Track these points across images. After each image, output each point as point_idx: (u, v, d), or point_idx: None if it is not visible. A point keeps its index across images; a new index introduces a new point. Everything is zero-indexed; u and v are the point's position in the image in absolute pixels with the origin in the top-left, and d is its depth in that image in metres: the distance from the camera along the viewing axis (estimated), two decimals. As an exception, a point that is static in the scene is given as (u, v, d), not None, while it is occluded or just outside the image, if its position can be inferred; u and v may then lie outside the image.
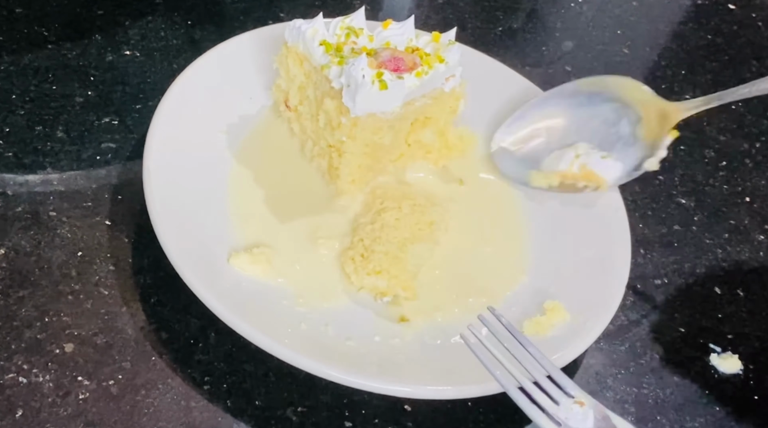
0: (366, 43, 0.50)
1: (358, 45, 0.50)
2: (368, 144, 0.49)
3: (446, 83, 0.51)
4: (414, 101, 0.49)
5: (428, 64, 0.49)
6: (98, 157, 0.53)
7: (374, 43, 0.50)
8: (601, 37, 0.75)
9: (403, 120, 0.50)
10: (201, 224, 0.46)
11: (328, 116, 0.49)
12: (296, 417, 0.42)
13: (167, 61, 0.61)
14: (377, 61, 0.48)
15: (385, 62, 0.48)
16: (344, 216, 0.51)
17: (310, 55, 0.50)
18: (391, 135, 0.50)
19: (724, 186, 0.63)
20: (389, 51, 0.49)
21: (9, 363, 0.41)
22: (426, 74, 0.48)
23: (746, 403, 0.48)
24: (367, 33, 0.51)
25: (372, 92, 0.46)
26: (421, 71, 0.48)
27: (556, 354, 0.43)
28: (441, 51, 0.50)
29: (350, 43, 0.50)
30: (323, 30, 0.50)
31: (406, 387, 0.41)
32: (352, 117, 0.47)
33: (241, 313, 0.41)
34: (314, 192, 0.52)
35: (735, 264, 0.57)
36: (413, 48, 0.51)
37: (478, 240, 0.52)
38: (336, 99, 0.47)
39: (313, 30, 0.49)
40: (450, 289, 0.48)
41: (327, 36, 0.50)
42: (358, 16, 0.51)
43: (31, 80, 0.57)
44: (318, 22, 0.50)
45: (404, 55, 0.49)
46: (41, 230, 0.47)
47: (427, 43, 0.51)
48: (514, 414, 0.44)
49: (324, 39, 0.49)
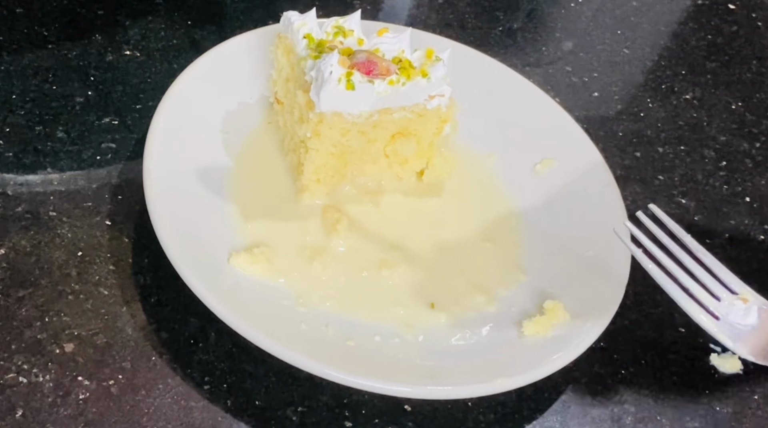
0: (353, 45, 0.50)
1: (343, 45, 0.50)
2: (335, 144, 0.49)
3: (430, 101, 0.50)
4: (391, 111, 0.49)
5: (406, 75, 0.47)
6: (98, 157, 0.53)
7: (362, 46, 0.50)
8: (601, 37, 0.75)
9: (378, 128, 0.49)
10: (201, 224, 0.46)
11: (300, 110, 0.49)
12: (296, 417, 0.42)
13: (167, 61, 0.61)
14: (351, 61, 0.47)
15: (358, 63, 0.47)
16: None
17: (294, 46, 0.50)
18: (362, 140, 0.49)
19: (724, 186, 0.63)
20: (366, 53, 0.48)
21: (9, 363, 0.41)
22: (401, 84, 0.47)
23: (746, 403, 0.48)
24: (358, 36, 0.50)
25: (338, 90, 0.45)
26: (394, 80, 0.47)
27: (556, 354, 0.43)
28: (426, 66, 0.49)
29: (336, 43, 0.50)
30: (312, 24, 0.50)
31: (406, 387, 0.41)
32: (317, 112, 0.47)
33: (241, 313, 0.41)
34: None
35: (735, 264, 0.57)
36: (400, 59, 0.50)
37: (477, 240, 0.52)
38: (307, 92, 0.47)
39: (302, 23, 0.49)
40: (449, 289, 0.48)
41: (314, 31, 0.50)
42: (353, 18, 0.51)
43: (31, 80, 0.57)
44: (309, 17, 0.50)
45: (381, 60, 0.48)
46: (41, 230, 0.48)
47: (418, 57, 0.51)
48: (514, 414, 0.45)
49: (308, 33, 0.49)
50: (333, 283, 0.47)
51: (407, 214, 0.53)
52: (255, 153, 0.53)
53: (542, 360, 0.43)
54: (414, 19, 0.72)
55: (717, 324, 0.37)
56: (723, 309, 0.37)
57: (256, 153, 0.53)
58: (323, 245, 0.49)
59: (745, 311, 0.37)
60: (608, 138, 0.64)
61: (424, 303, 0.47)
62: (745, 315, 0.37)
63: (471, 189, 0.55)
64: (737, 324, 0.37)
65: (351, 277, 0.48)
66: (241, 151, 0.53)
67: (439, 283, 0.49)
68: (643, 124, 0.66)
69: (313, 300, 0.46)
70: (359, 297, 0.47)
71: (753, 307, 0.37)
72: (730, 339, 0.36)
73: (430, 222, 0.53)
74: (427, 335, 0.45)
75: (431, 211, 0.54)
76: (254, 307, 0.43)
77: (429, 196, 0.54)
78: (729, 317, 0.36)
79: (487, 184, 0.56)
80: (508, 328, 0.46)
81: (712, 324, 0.36)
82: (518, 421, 0.44)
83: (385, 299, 0.47)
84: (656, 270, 0.38)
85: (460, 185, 0.55)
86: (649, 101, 0.69)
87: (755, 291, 0.38)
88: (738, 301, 0.37)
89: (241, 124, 0.54)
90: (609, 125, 0.65)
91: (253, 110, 0.56)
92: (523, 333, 0.45)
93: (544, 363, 0.42)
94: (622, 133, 0.65)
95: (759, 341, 0.36)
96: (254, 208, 0.50)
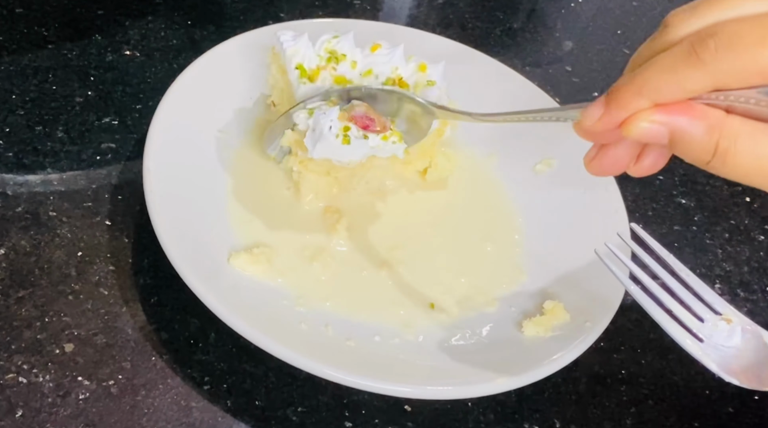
0: (346, 71, 0.50)
1: (337, 71, 0.50)
2: (323, 173, 0.50)
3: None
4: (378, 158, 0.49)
5: (398, 136, 0.47)
6: (98, 157, 0.53)
7: (356, 70, 0.50)
8: (601, 37, 0.75)
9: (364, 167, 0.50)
10: (201, 224, 0.46)
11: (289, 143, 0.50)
12: (296, 417, 0.42)
13: (167, 61, 0.61)
14: (348, 114, 0.47)
15: (356, 117, 0.47)
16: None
17: (287, 73, 0.50)
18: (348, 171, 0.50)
19: (724, 186, 0.63)
20: (364, 108, 0.48)
21: (9, 363, 0.41)
22: (391, 143, 0.47)
23: (746, 403, 0.48)
24: (351, 59, 0.50)
25: (334, 144, 0.46)
26: (387, 136, 0.47)
27: (556, 354, 0.43)
28: (419, 90, 0.49)
29: (329, 69, 0.50)
30: (304, 52, 0.50)
31: (406, 387, 0.41)
32: (308, 156, 0.47)
33: (241, 313, 0.41)
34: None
35: (735, 264, 0.57)
36: (394, 79, 0.50)
37: (477, 240, 0.52)
38: (298, 134, 0.48)
39: (294, 50, 0.50)
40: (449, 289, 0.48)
41: (306, 58, 0.50)
42: (346, 39, 0.51)
43: (31, 80, 0.57)
44: (301, 43, 0.50)
45: (377, 116, 0.48)
46: (41, 230, 0.48)
47: (412, 72, 0.51)
48: (514, 414, 0.45)
49: (300, 63, 0.49)
50: (333, 283, 0.47)
51: (407, 214, 0.53)
52: (255, 153, 0.53)
53: (542, 360, 0.43)
54: (414, 19, 0.72)
55: (701, 347, 0.36)
56: (707, 330, 0.36)
57: (256, 153, 0.53)
58: (323, 245, 0.49)
59: (729, 332, 0.36)
60: (608, 138, 0.64)
61: (424, 303, 0.47)
62: (729, 336, 0.36)
63: (471, 189, 0.55)
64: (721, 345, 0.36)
65: (351, 277, 0.48)
66: (240, 151, 0.53)
67: (439, 283, 0.49)
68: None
69: (312, 300, 0.46)
70: (359, 297, 0.47)
71: (736, 328, 0.36)
72: (714, 362, 0.36)
73: (430, 223, 0.53)
74: (427, 335, 0.45)
75: (431, 211, 0.54)
76: (254, 307, 0.43)
77: (429, 197, 0.54)
78: (713, 339, 0.36)
79: (488, 184, 0.56)
80: (508, 328, 0.46)
81: (697, 348, 0.36)
82: (518, 421, 0.44)
83: (385, 299, 0.47)
84: (639, 292, 0.37)
85: (460, 185, 0.55)
86: (649, 101, 0.68)
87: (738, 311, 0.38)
88: (721, 322, 0.37)
89: (241, 124, 0.54)
90: (609, 125, 0.65)
91: (252, 110, 0.56)
92: (523, 333, 0.45)
93: (544, 363, 0.42)
94: (622, 133, 0.65)
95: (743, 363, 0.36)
96: (254, 208, 0.50)
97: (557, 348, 0.43)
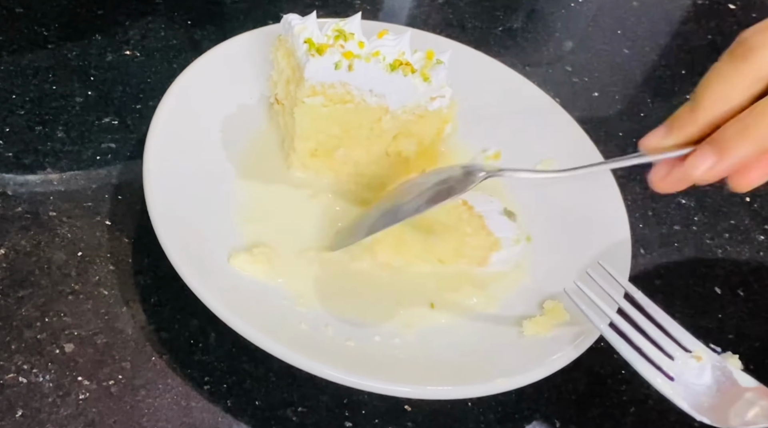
0: (353, 48, 0.50)
1: (344, 49, 0.50)
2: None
3: (431, 102, 0.50)
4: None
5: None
6: (98, 157, 0.53)
7: (364, 50, 0.50)
8: (601, 37, 0.75)
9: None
10: (201, 224, 0.46)
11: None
12: (296, 417, 0.42)
13: (167, 61, 0.61)
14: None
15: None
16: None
17: (294, 50, 0.50)
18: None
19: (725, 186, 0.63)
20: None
21: (9, 363, 0.41)
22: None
23: (746, 403, 0.48)
24: (359, 39, 0.50)
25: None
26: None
27: (556, 354, 0.43)
28: (427, 68, 0.50)
29: (337, 46, 0.50)
30: (312, 28, 0.50)
31: (406, 387, 0.41)
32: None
33: (241, 313, 0.41)
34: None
35: (735, 264, 0.57)
36: (401, 62, 0.50)
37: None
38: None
39: (302, 27, 0.49)
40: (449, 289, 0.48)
41: (314, 34, 0.50)
42: (353, 20, 0.51)
43: (31, 80, 0.57)
44: (309, 20, 0.50)
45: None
46: (41, 230, 0.47)
47: (419, 59, 0.51)
48: (514, 414, 0.45)
49: (308, 37, 0.49)
50: (333, 283, 0.47)
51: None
52: (255, 153, 0.53)
53: (542, 360, 0.43)
54: (414, 19, 0.72)
55: (672, 386, 0.36)
56: (677, 368, 0.36)
57: (256, 153, 0.53)
58: (323, 245, 0.49)
59: (699, 370, 0.36)
60: (608, 138, 0.64)
61: (424, 303, 0.47)
62: (699, 374, 0.36)
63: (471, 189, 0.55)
64: (692, 383, 0.36)
65: (351, 277, 0.48)
66: (241, 151, 0.53)
67: (439, 283, 0.49)
68: (643, 124, 0.66)
69: (312, 301, 0.46)
70: (359, 297, 0.47)
71: (707, 366, 0.36)
72: (685, 401, 0.36)
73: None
74: (427, 335, 0.45)
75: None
76: (254, 307, 0.43)
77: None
78: (683, 377, 0.36)
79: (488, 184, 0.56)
80: (508, 328, 0.46)
81: (668, 387, 0.36)
82: (518, 421, 0.44)
83: (385, 299, 0.47)
84: (609, 330, 0.37)
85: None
86: (649, 101, 0.69)
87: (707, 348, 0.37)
88: (692, 360, 0.36)
89: (241, 124, 0.54)
90: (609, 125, 0.65)
91: (252, 110, 0.56)
92: (523, 333, 0.45)
93: (544, 363, 0.42)
94: (622, 133, 0.65)
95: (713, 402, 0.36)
96: (254, 208, 0.50)
97: (557, 348, 0.43)
